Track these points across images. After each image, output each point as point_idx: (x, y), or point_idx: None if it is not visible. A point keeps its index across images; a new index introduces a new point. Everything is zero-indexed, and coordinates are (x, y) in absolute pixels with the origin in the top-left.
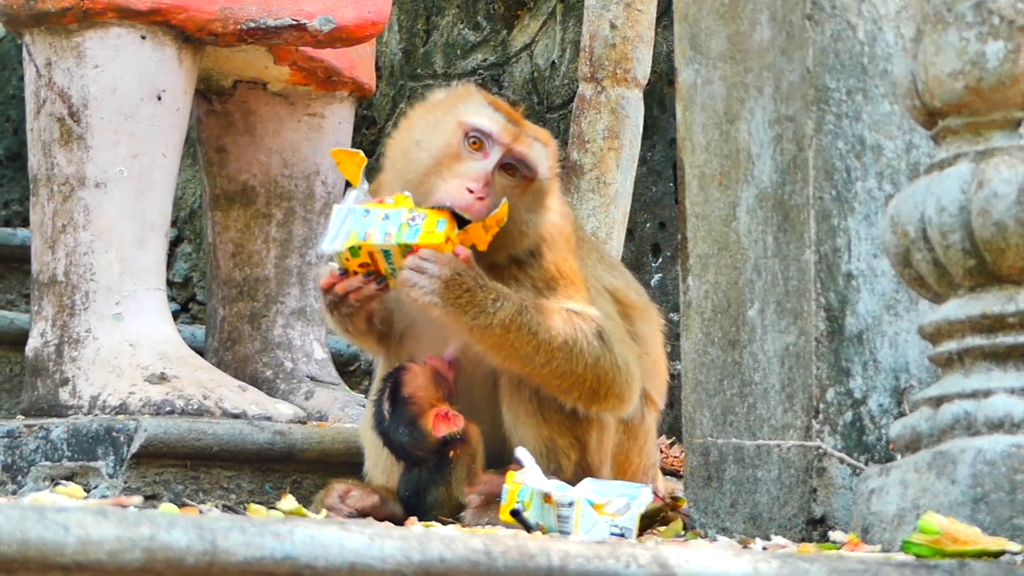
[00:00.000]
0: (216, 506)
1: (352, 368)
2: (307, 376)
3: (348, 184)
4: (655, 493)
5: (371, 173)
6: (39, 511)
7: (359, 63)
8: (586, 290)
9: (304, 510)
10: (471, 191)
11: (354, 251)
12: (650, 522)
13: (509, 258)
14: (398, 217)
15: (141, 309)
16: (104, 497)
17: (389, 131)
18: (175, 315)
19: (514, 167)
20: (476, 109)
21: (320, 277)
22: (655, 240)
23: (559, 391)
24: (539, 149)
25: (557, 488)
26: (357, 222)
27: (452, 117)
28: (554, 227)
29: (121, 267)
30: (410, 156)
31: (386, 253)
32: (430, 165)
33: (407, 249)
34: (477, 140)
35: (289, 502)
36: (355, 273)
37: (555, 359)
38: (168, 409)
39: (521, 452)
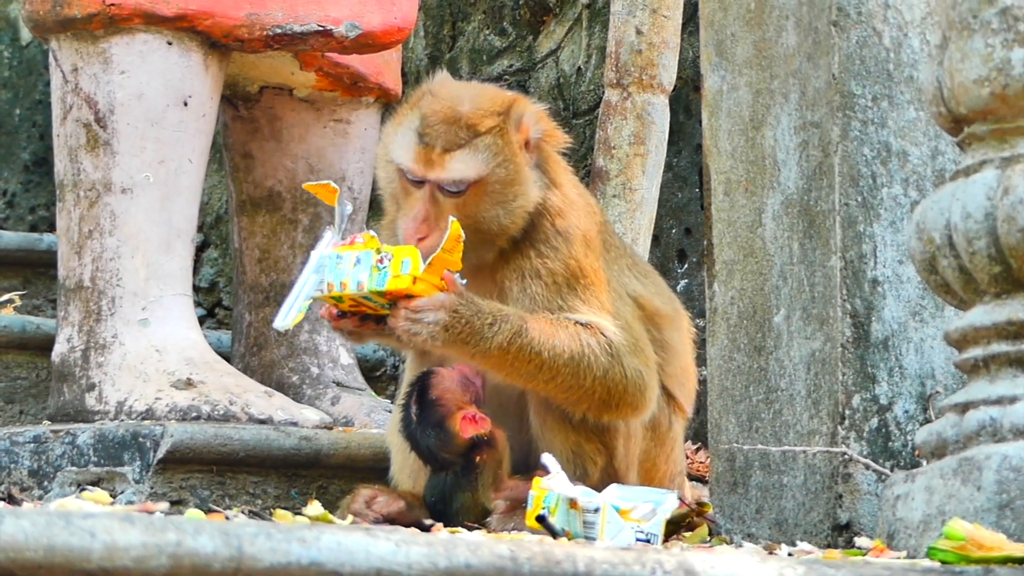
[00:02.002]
0: (242, 512)
1: (378, 374)
2: (333, 381)
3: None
4: (681, 499)
5: None
6: (65, 517)
7: (385, 69)
8: (608, 293)
9: (330, 516)
10: (412, 232)
11: (338, 299)
12: (676, 528)
13: (512, 243)
14: (368, 260)
15: (167, 315)
16: (130, 503)
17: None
18: (201, 320)
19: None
20: (397, 144)
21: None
22: (681, 246)
23: (567, 404)
24: (462, 160)
25: (583, 494)
26: (332, 270)
27: (386, 155)
28: (567, 216)
29: (147, 273)
30: (385, 190)
31: (366, 297)
32: (392, 205)
33: (381, 295)
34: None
35: (315, 508)
36: (351, 312)
37: (560, 375)
38: (194, 414)
39: (547, 458)
